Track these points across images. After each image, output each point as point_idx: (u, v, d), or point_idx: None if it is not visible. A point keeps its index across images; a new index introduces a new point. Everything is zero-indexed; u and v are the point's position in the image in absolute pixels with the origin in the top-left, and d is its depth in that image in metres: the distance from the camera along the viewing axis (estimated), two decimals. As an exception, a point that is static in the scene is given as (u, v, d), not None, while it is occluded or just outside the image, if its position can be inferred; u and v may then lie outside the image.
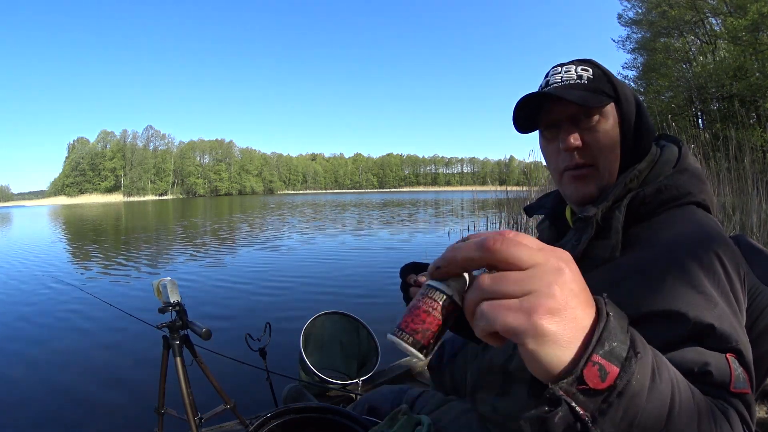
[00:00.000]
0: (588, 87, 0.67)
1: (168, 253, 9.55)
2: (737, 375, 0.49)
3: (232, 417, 1.73)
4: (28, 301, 5.40)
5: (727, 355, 0.50)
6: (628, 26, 17.72)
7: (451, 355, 0.99)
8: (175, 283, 1.53)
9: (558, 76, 0.69)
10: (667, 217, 0.63)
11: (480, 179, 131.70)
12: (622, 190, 0.65)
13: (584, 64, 0.70)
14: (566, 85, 0.67)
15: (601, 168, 0.68)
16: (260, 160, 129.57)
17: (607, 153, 0.67)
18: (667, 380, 0.34)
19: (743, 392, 0.49)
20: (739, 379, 0.49)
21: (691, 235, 0.59)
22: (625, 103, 0.68)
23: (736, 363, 0.50)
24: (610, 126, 0.67)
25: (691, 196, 0.64)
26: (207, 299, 5.13)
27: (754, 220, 3.75)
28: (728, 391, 0.48)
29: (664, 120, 6.90)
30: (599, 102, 0.66)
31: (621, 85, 0.69)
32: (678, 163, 0.68)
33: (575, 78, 0.67)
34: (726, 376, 0.49)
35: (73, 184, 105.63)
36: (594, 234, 0.64)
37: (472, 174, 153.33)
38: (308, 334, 2.34)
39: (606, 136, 0.67)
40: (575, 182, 0.69)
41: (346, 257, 8.20)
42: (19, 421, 2.52)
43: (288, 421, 0.67)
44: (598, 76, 0.68)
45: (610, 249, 0.62)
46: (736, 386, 0.49)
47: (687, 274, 0.55)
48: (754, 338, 0.59)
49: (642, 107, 0.69)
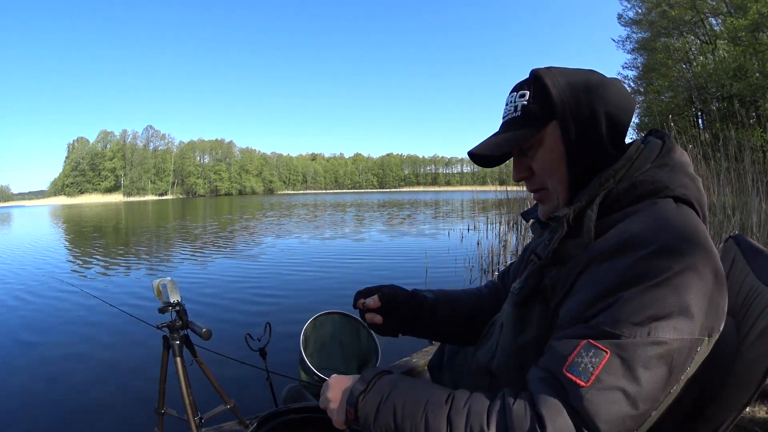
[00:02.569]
0: (522, 119, 0.69)
1: (168, 253, 9.55)
2: (577, 362, 0.51)
3: (232, 417, 1.73)
4: (28, 301, 5.40)
5: (584, 341, 0.52)
6: (628, 26, 17.75)
7: (451, 355, 0.99)
8: (175, 283, 1.53)
9: (505, 108, 0.72)
10: (635, 207, 0.61)
11: (480, 179, 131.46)
12: (596, 189, 0.65)
13: (524, 87, 0.69)
14: (505, 122, 0.72)
15: (551, 189, 0.70)
16: (260, 160, 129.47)
17: (552, 174, 0.69)
18: (390, 405, 0.59)
19: (574, 380, 0.50)
20: (576, 365, 0.50)
21: (642, 225, 0.57)
22: (562, 118, 0.66)
23: (590, 353, 0.50)
24: (550, 148, 0.68)
25: (669, 191, 0.61)
26: (207, 299, 5.14)
27: (754, 220, 3.75)
28: (561, 371, 0.52)
29: (664, 120, 6.91)
30: (515, 142, 0.68)
31: (564, 96, 0.66)
32: (658, 158, 0.66)
33: (513, 111, 0.70)
34: (562, 358, 0.52)
35: (73, 184, 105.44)
36: (567, 233, 0.65)
37: (472, 174, 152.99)
38: (308, 334, 2.34)
39: (546, 159, 0.69)
40: (539, 204, 0.76)
41: (346, 257, 8.20)
42: (20, 421, 2.52)
43: (288, 421, 0.67)
44: (532, 100, 0.68)
45: (583, 248, 0.63)
46: (569, 370, 0.51)
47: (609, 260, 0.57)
48: (754, 338, 0.59)
49: (603, 105, 0.65)
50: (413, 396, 0.59)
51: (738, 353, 0.60)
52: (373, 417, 0.59)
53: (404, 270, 6.79)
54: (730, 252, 0.79)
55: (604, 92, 0.67)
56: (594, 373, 0.49)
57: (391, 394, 0.60)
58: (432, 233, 11.79)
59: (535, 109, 0.68)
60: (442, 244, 9.40)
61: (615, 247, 0.57)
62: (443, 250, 8.47)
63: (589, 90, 0.67)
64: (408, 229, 13.28)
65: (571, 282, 0.61)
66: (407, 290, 0.94)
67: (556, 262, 0.67)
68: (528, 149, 0.71)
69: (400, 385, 0.61)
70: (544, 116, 0.67)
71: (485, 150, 0.71)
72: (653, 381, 0.49)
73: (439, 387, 0.61)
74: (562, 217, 0.65)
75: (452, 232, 11.54)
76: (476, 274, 6.33)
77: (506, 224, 7.78)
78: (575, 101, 0.66)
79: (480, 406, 0.54)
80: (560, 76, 0.68)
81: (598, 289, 0.55)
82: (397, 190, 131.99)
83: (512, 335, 0.70)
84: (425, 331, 0.94)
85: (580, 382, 0.49)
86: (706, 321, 0.52)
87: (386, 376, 0.64)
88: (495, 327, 0.79)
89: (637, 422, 0.50)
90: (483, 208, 13.03)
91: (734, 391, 0.59)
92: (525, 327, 0.69)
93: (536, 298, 0.68)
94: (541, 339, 0.64)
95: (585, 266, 0.60)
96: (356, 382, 0.63)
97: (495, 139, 0.72)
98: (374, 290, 0.92)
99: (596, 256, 0.59)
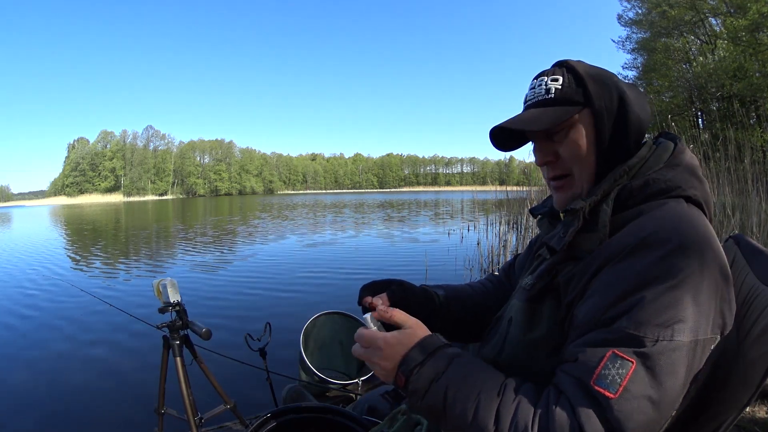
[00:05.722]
0: (554, 101, 0.68)
1: (168, 253, 9.55)
2: (604, 374, 0.51)
3: (232, 417, 1.74)
4: (28, 301, 5.40)
5: (610, 352, 0.51)
6: (628, 26, 17.73)
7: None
8: (175, 283, 1.53)
9: (532, 91, 0.71)
10: (647, 206, 0.62)
11: (480, 179, 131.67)
12: (611, 184, 0.65)
13: (556, 73, 0.69)
14: (533, 103, 0.70)
15: (577, 176, 0.69)
16: (260, 160, 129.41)
17: (580, 161, 0.68)
18: (442, 385, 0.57)
19: (602, 392, 0.50)
20: (604, 377, 0.50)
21: (656, 224, 0.58)
22: (598, 106, 0.67)
23: (616, 364, 0.50)
24: (582, 134, 0.68)
25: (680, 190, 0.63)
26: (207, 299, 5.14)
27: (754, 220, 3.74)
28: (590, 384, 0.51)
29: (664, 120, 6.90)
30: (556, 120, 0.66)
31: (596, 86, 0.67)
32: (670, 159, 0.67)
33: (543, 93, 0.69)
34: (590, 370, 0.52)
35: (73, 184, 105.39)
36: (582, 227, 0.65)
37: (472, 174, 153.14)
38: (308, 334, 2.35)
39: (576, 145, 0.68)
40: (556, 192, 0.73)
41: (346, 257, 8.20)
42: (20, 421, 2.52)
43: (288, 421, 0.67)
44: (568, 84, 0.68)
45: (597, 242, 0.63)
46: (597, 383, 0.51)
47: (628, 260, 0.56)
48: (754, 339, 0.59)
49: (626, 103, 0.67)
50: (468, 381, 0.57)
51: (738, 353, 0.60)
52: (422, 393, 0.58)
53: (404, 270, 6.78)
54: (730, 252, 0.79)
55: (629, 89, 0.69)
56: (622, 385, 0.50)
57: (445, 374, 0.58)
58: (432, 233, 11.79)
59: (570, 93, 0.67)
60: (442, 244, 9.40)
61: (632, 246, 0.57)
62: (443, 250, 8.47)
63: (617, 84, 0.69)
64: (408, 229, 13.28)
65: (586, 280, 0.61)
66: (417, 287, 0.89)
67: (570, 256, 0.66)
68: (556, 133, 0.69)
69: (457, 364, 0.59)
70: (579, 102, 0.67)
71: (520, 124, 0.69)
72: (676, 384, 0.51)
73: (493, 371, 0.60)
74: (579, 210, 0.65)
75: (452, 232, 11.53)
76: (476, 274, 6.33)
77: (506, 224, 7.77)
78: (608, 93, 0.68)
79: (527, 405, 0.54)
80: (590, 68, 0.70)
81: (618, 289, 0.55)
82: (397, 190, 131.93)
83: (522, 330, 0.69)
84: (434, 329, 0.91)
85: (609, 394, 0.50)
86: (718, 319, 0.54)
87: (444, 349, 0.61)
88: (502, 322, 0.78)
89: (661, 425, 0.52)
90: (483, 208, 13.02)
91: (734, 391, 0.60)
92: (535, 323, 0.68)
93: (548, 294, 0.68)
94: (551, 336, 0.64)
95: (602, 265, 0.59)
96: (414, 348, 0.61)
97: (528, 115, 0.69)
98: (381, 284, 0.86)
99: (613, 255, 0.58)
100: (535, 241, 0.90)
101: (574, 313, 0.60)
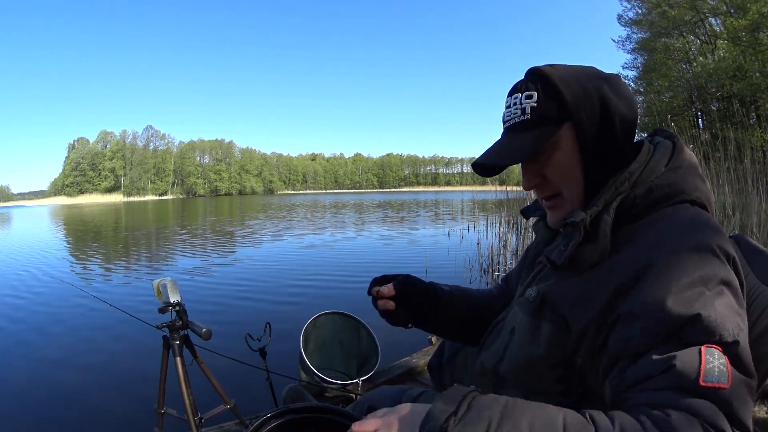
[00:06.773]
0: (531, 123, 0.65)
1: (168, 253, 9.55)
2: (709, 368, 0.48)
3: (232, 417, 1.73)
4: (27, 301, 5.40)
5: (703, 347, 0.50)
6: (628, 27, 17.75)
7: (451, 355, 0.99)
8: (175, 283, 1.53)
9: (508, 110, 0.68)
10: (656, 216, 0.62)
11: (480, 179, 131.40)
12: (612, 193, 0.63)
13: (530, 87, 0.65)
14: (511, 126, 0.67)
15: (567, 196, 0.68)
16: (260, 160, 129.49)
17: (567, 180, 0.67)
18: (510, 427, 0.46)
19: (715, 386, 0.48)
20: (711, 372, 0.48)
21: (676, 230, 0.58)
22: (577, 118, 0.63)
23: (714, 356, 0.49)
24: (565, 151, 0.65)
25: (685, 195, 0.62)
26: (207, 299, 5.14)
27: (754, 220, 3.75)
28: (698, 384, 0.48)
29: (663, 120, 6.91)
30: (535, 147, 0.64)
31: (573, 95, 0.63)
32: (671, 161, 0.66)
33: (519, 114, 0.66)
34: (693, 370, 0.48)
35: (73, 184, 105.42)
36: (583, 238, 0.63)
37: (472, 174, 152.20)
38: (308, 334, 2.34)
39: (561, 164, 0.66)
40: (549, 211, 0.72)
41: (346, 257, 8.20)
42: (20, 421, 2.52)
43: (288, 421, 0.66)
44: (543, 99, 0.64)
45: (599, 253, 0.61)
46: (707, 380, 0.48)
47: (663, 270, 0.55)
48: (754, 339, 0.59)
49: (608, 105, 0.64)
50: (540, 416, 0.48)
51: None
52: None
53: (404, 270, 6.74)
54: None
55: (610, 87, 0.65)
56: (729, 374, 0.49)
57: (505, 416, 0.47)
58: (432, 233, 11.79)
59: (546, 110, 0.64)
60: (442, 244, 9.39)
61: (664, 260, 0.55)
62: (443, 250, 8.47)
63: (597, 86, 0.65)
64: (408, 229, 13.28)
65: (603, 302, 0.58)
66: (425, 281, 0.90)
67: (571, 268, 0.65)
68: (540, 154, 0.66)
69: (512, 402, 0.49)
70: (558, 118, 0.64)
71: (497, 159, 0.67)
72: (753, 371, 0.52)
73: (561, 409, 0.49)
74: (579, 223, 0.62)
75: (452, 232, 11.53)
76: (476, 274, 6.33)
77: (506, 224, 7.77)
78: (587, 99, 0.64)
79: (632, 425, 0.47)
80: (566, 73, 0.65)
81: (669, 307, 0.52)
82: (397, 190, 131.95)
83: (524, 344, 0.69)
84: (438, 324, 0.89)
85: (722, 385, 0.48)
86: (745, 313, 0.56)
87: (481, 395, 0.51)
88: (503, 330, 0.76)
89: None
90: (483, 209, 13.02)
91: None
92: (536, 340, 0.67)
93: (546, 312, 0.66)
94: (549, 356, 0.64)
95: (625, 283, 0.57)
96: (436, 403, 0.49)
97: (506, 147, 0.67)
98: (391, 278, 0.88)
99: (639, 272, 0.56)
100: (530, 248, 0.88)
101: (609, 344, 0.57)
